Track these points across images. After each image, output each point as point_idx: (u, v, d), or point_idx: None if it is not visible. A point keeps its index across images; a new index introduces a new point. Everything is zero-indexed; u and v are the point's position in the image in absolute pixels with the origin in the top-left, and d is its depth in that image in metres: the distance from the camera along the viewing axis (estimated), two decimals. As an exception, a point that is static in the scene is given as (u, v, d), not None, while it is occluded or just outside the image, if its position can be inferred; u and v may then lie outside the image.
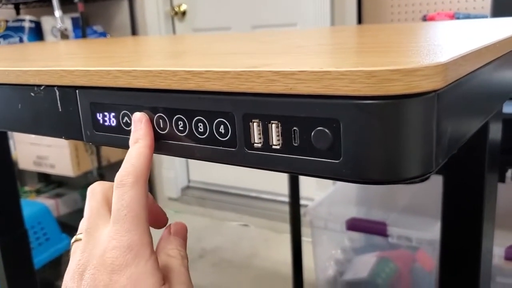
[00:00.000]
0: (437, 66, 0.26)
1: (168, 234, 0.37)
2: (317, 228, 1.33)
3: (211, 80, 0.30)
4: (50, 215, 1.92)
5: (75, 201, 2.48)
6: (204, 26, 2.38)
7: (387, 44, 0.38)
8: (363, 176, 0.27)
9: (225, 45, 0.51)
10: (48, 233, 1.88)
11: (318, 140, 0.28)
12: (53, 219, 1.93)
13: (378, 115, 0.26)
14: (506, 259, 1.13)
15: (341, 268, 1.36)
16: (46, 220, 1.89)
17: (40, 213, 1.89)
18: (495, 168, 0.56)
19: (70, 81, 0.37)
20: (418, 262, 1.25)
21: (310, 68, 0.27)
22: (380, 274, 1.28)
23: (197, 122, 0.32)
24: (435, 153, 0.28)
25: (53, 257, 1.87)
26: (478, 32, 0.46)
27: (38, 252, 1.80)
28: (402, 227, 1.19)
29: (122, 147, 0.36)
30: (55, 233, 1.91)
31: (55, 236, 1.91)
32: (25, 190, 2.51)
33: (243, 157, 0.31)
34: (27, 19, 2.39)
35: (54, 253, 1.88)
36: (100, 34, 2.45)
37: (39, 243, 1.83)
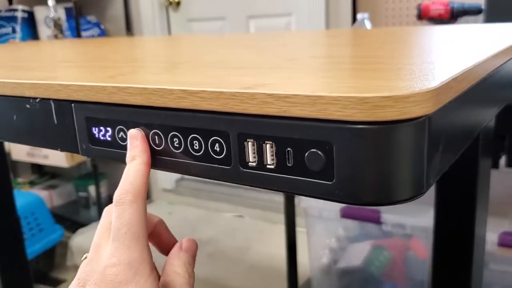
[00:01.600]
0: (428, 92, 0.26)
1: (179, 250, 0.37)
2: (311, 217, 1.34)
3: (207, 100, 0.31)
4: (43, 206, 1.92)
5: (69, 193, 2.49)
6: (198, 17, 2.36)
7: (379, 59, 0.38)
8: (356, 198, 0.28)
9: (220, 54, 0.52)
10: (42, 224, 1.88)
11: (312, 162, 0.28)
12: (46, 209, 1.93)
13: (370, 139, 0.26)
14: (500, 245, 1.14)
15: (335, 256, 1.37)
16: (39, 210, 1.89)
17: (34, 204, 1.88)
18: (488, 154, 0.56)
19: (66, 95, 0.37)
20: (412, 250, 1.26)
21: (303, 92, 0.27)
22: (374, 262, 1.29)
23: (193, 140, 0.33)
24: (426, 175, 0.28)
25: (46, 248, 1.87)
26: (471, 43, 0.47)
27: (31, 242, 1.80)
28: (396, 214, 1.20)
29: (119, 161, 0.36)
30: (49, 224, 1.91)
31: (48, 227, 1.91)
32: (18, 181, 2.51)
33: (237, 175, 0.31)
34: (19, 9, 2.37)
35: (48, 244, 1.88)
36: (93, 25, 2.43)
37: (32, 234, 1.83)
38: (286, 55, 0.45)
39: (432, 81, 0.28)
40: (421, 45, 0.47)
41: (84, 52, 0.65)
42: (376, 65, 0.35)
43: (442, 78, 0.29)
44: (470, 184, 0.53)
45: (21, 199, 1.86)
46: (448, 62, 0.35)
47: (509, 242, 1.17)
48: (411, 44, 0.49)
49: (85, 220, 2.24)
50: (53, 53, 0.70)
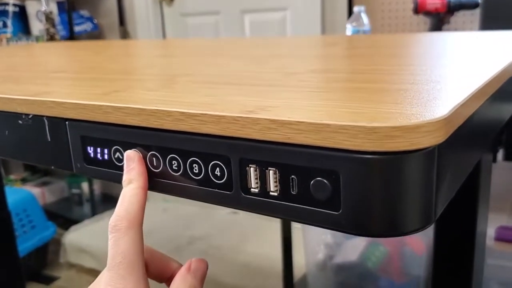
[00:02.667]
0: (439, 122, 0.25)
1: (187, 272, 0.35)
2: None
3: (207, 123, 0.30)
4: (35, 203, 1.90)
5: (62, 190, 2.46)
6: (192, 11, 2.34)
7: (382, 75, 0.37)
8: (362, 230, 0.27)
9: (217, 66, 0.50)
10: (34, 221, 1.86)
11: (317, 190, 0.27)
12: (38, 206, 1.91)
13: (378, 169, 0.25)
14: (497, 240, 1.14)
15: (331, 252, 1.36)
16: (31, 207, 1.86)
17: (26, 200, 1.86)
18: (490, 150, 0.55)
19: (59, 113, 0.36)
20: (408, 245, 1.26)
21: (308, 120, 0.26)
22: (370, 258, 1.29)
23: (192, 163, 0.32)
24: (435, 205, 0.27)
25: (38, 245, 1.85)
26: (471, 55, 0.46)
27: (23, 239, 1.78)
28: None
29: (115, 181, 0.35)
30: (41, 221, 1.89)
31: (41, 223, 1.89)
32: (11, 178, 2.48)
33: (239, 201, 0.30)
34: (11, 3, 2.33)
35: (40, 241, 1.86)
36: (86, 19, 2.40)
37: (24, 231, 1.81)
38: (285, 68, 0.44)
39: (441, 107, 0.27)
40: (422, 59, 0.46)
41: (78, 60, 0.63)
42: (380, 84, 0.34)
43: (451, 104, 0.27)
44: (472, 180, 0.53)
45: (13, 195, 1.84)
46: (453, 81, 0.34)
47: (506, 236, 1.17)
48: (412, 57, 0.47)
49: (78, 217, 2.22)
50: (45, 60, 0.68)
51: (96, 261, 1.86)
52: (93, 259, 1.88)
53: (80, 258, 1.93)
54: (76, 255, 1.94)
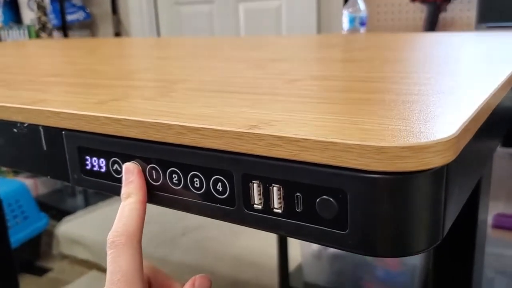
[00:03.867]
0: (449, 141, 0.24)
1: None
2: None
3: (209, 138, 0.29)
4: (28, 193, 1.88)
5: (54, 181, 2.44)
6: (186, 0, 2.31)
7: (386, 84, 0.36)
8: (370, 250, 0.26)
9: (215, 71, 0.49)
10: (26, 211, 1.84)
11: (323, 209, 0.27)
12: (31, 197, 1.89)
13: (387, 189, 0.25)
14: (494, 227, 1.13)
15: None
16: (24, 198, 1.84)
17: (18, 191, 1.84)
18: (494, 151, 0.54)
19: (55, 123, 0.35)
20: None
21: (315, 137, 0.25)
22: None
23: (193, 177, 0.31)
24: (443, 223, 0.27)
25: (31, 236, 1.83)
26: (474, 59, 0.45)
27: (16, 230, 1.76)
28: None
29: (113, 194, 0.34)
30: (34, 212, 1.87)
31: (33, 214, 1.87)
32: (2, 169, 2.46)
33: (242, 217, 0.30)
34: (1, -8, 2.30)
35: (33, 232, 1.84)
36: (78, 8, 2.37)
37: (16, 222, 1.79)
38: (285, 73, 0.43)
39: (450, 124, 0.26)
40: (425, 65, 0.45)
41: (72, 62, 0.62)
42: (385, 94, 0.33)
43: (460, 120, 0.27)
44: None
45: (4, 186, 1.82)
46: (459, 92, 0.33)
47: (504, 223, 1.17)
48: (415, 63, 0.47)
49: (71, 209, 2.20)
50: (38, 61, 0.66)
51: (89, 252, 1.85)
52: (86, 250, 1.87)
53: (73, 249, 1.91)
54: (69, 246, 1.93)
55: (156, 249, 1.70)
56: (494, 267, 1.10)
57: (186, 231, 1.88)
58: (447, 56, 0.49)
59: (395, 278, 1.16)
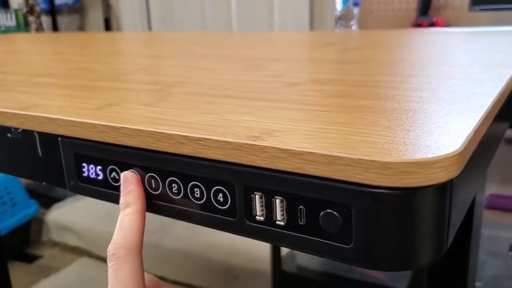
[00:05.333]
0: (455, 156, 0.24)
1: None
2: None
3: (210, 149, 0.27)
4: (16, 180, 1.83)
5: None
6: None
7: (386, 89, 0.35)
8: (374, 264, 0.25)
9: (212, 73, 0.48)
10: (15, 198, 1.80)
11: (327, 223, 0.26)
12: (20, 184, 1.84)
13: (392, 204, 0.24)
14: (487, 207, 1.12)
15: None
16: (12, 184, 1.80)
17: (6, 178, 1.79)
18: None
19: (51, 129, 0.33)
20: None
21: (320, 151, 0.24)
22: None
23: (193, 187, 0.30)
24: (447, 236, 0.26)
25: (21, 222, 1.79)
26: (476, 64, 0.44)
27: (5, 217, 1.72)
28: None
29: (111, 201, 0.33)
30: (23, 199, 1.83)
31: (22, 201, 1.82)
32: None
33: (243, 228, 0.29)
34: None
35: (22, 219, 1.80)
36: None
37: (5, 209, 1.76)
38: (284, 76, 0.42)
39: (454, 136, 0.25)
40: (425, 68, 0.44)
41: (64, 60, 0.60)
42: (386, 101, 0.32)
43: (465, 132, 0.26)
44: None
45: (-8, 172, 1.78)
46: (461, 99, 0.32)
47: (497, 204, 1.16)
48: (414, 65, 0.46)
49: (61, 196, 2.14)
50: (29, 58, 0.64)
51: (80, 239, 1.82)
52: (76, 237, 1.83)
53: (63, 236, 1.87)
54: (59, 233, 1.89)
55: (148, 236, 1.68)
56: (486, 249, 1.08)
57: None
58: (444, 57, 0.48)
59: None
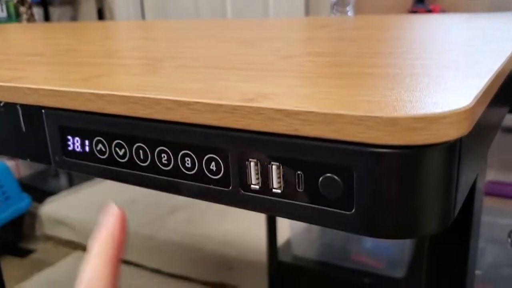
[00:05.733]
0: (465, 111, 0.22)
1: None
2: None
3: (201, 113, 0.26)
4: (9, 173, 1.79)
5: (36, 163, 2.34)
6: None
7: (386, 59, 0.34)
8: (377, 231, 0.23)
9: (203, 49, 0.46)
10: (8, 192, 1.76)
11: (327, 188, 0.24)
12: (12, 177, 1.80)
13: (398, 165, 0.22)
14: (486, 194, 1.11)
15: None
16: (4, 178, 1.76)
17: (-1, 171, 1.77)
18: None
19: (35, 100, 0.31)
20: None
21: (319, 109, 0.22)
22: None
23: (184, 157, 0.28)
24: (455, 203, 0.24)
25: (13, 216, 1.75)
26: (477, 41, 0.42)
27: (-3, 211, 1.70)
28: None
29: (97, 176, 0.31)
30: (15, 192, 1.79)
31: (15, 195, 1.78)
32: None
33: (237, 198, 0.27)
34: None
35: (15, 213, 1.75)
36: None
37: (-3, 202, 1.73)
38: (278, 51, 0.40)
39: (462, 95, 0.23)
40: (424, 43, 0.42)
41: (54, 43, 0.58)
42: (386, 68, 0.31)
43: (474, 91, 0.24)
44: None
45: (-16, 166, 1.75)
46: (465, 67, 0.31)
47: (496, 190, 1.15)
48: (412, 41, 0.44)
49: (54, 190, 2.09)
50: (18, 43, 0.62)
51: (74, 233, 1.79)
52: (70, 231, 1.80)
53: (57, 230, 1.84)
54: (53, 227, 1.86)
55: (143, 228, 1.65)
56: (485, 236, 1.06)
57: (174, 210, 1.81)
58: (444, 35, 0.46)
59: (384, 250, 1.14)
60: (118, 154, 0.30)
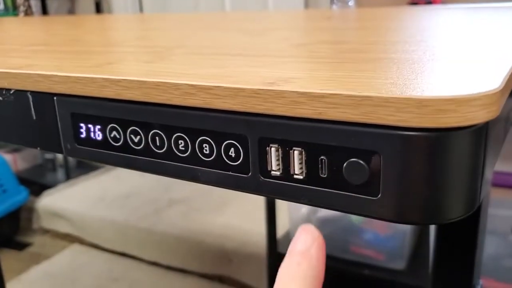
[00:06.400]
0: (495, 94, 0.21)
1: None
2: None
3: (221, 98, 0.25)
4: (6, 166, 1.78)
5: (34, 156, 2.30)
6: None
7: (404, 46, 0.33)
8: (403, 217, 0.23)
9: (212, 38, 0.45)
10: (5, 185, 1.74)
11: (352, 173, 0.23)
12: (10, 170, 1.79)
13: (426, 148, 0.21)
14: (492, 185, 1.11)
15: (315, 206, 1.32)
16: (2, 171, 1.74)
17: (-5, 164, 1.75)
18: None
19: (47, 88, 0.30)
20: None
21: (345, 91, 0.22)
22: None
23: (202, 143, 0.27)
24: (480, 188, 0.23)
25: (11, 210, 1.73)
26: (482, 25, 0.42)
27: (-6, 204, 1.68)
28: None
29: (110, 164, 0.30)
30: (13, 185, 1.77)
31: (12, 188, 1.77)
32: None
33: (257, 185, 0.26)
34: None
35: (12, 206, 1.74)
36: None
37: (-5, 195, 1.71)
38: (290, 39, 0.39)
39: (490, 77, 0.23)
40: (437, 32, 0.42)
41: (57, 34, 0.57)
42: (405, 54, 0.30)
43: (501, 75, 0.23)
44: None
45: (-19, 159, 1.73)
46: (485, 53, 0.30)
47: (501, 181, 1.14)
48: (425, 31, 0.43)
49: (52, 184, 2.07)
50: (20, 34, 0.61)
51: (72, 226, 1.77)
52: (68, 224, 1.78)
53: (54, 223, 1.82)
54: (50, 220, 1.84)
55: (141, 220, 1.64)
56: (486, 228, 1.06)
57: (171, 203, 1.80)
58: (453, 25, 0.46)
59: (384, 242, 1.14)
60: (133, 141, 0.29)
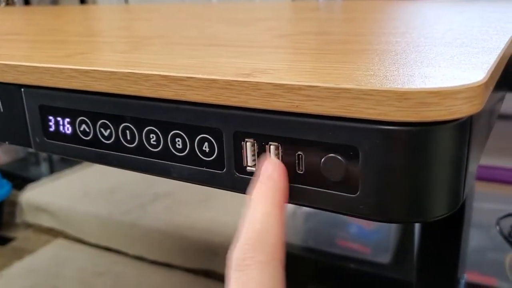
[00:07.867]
0: (479, 87, 0.20)
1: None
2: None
3: (194, 89, 0.23)
4: None
5: (16, 149, 2.27)
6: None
7: (387, 37, 0.32)
8: (383, 215, 0.22)
9: (193, 28, 0.43)
10: None
11: (330, 170, 0.22)
12: None
13: (407, 143, 0.20)
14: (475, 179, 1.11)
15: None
16: None
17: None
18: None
19: (13, 78, 0.29)
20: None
21: (323, 83, 0.20)
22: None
23: (174, 137, 0.25)
24: (464, 185, 0.22)
25: None
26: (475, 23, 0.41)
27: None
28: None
29: (81, 159, 0.29)
30: None
31: None
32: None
33: (232, 181, 0.24)
34: None
35: None
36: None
37: (-25, 189, 1.67)
38: (274, 29, 0.38)
39: (474, 70, 0.22)
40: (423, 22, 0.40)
41: (35, 23, 0.55)
42: (389, 45, 0.29)
43: (485, 66, 0.22)
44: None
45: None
46: (472, 44, 0.29)
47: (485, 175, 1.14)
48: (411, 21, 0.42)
49: (35, 177, 2.03)
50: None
51: (56, 220, 1.73)
52: (52, 218, 1.74)
53: (38, 218, 1.78)
54: (33, 214, 1.80)
55: (125, 215, 1.61)
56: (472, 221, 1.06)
57: (156, 198, 1.77)
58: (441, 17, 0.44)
59: (369, 235, 1.13)
60: (103, 135, 0.27)
